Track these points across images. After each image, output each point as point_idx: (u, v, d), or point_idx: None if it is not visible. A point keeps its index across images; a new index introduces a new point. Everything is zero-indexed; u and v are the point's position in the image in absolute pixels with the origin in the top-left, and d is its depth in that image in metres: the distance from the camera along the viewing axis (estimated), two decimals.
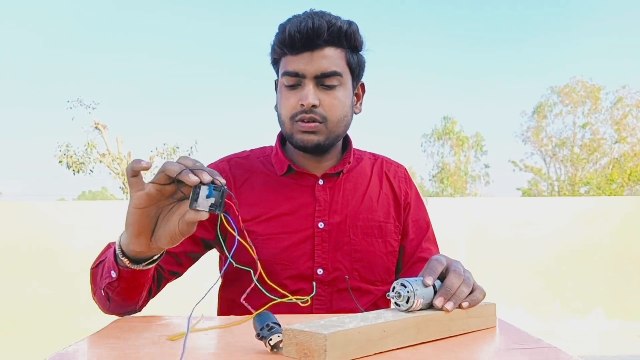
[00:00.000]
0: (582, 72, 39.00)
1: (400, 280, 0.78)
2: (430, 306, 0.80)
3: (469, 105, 40.74)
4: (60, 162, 16.55)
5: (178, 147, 17.61)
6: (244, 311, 0.96)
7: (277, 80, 1.22)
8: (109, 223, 5.58)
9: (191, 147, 17.76)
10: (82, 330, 4.76)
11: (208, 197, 0.76)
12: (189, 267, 1.19)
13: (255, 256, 0.84)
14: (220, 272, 0.75)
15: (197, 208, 0.76)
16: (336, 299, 1.15)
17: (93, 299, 1.04)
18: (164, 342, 0.78)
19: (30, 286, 5.49)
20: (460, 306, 0.81)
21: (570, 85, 25.48)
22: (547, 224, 5.82)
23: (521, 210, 5.91)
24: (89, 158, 16.78)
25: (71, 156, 16.57)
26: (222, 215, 0.77)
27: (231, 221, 0.77)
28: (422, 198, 1.34)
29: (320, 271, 1.15)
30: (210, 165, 1.25)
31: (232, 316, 1.01)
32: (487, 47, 40.36)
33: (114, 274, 0.92)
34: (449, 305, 0.80)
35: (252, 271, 0.83)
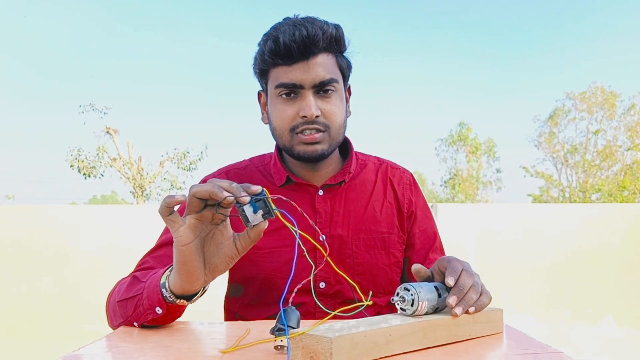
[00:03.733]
0: (602, 79, 38.66)
1: (404, 285, 0.79)
2: (435, 310, 0.80)
3: (485, 111, 40.62)
4: (71, 166, 16.70)
5: (188, 152, 17.69)
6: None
7: (264, 92, 1.19)
8: (118, 227, 5.61)
9: (201, 152, 17.85)
10: (89, 333, 4.79)
11: (255, 211, 0.76)
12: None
13: (324, 251, 0.83)
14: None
15: (254, 224, 0.78)
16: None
17: (111, 326, 1.01)
18: (171, 346, 0.79)
19: (40, 287, 5.53)
20: (467, 312, 0.81)
21: (589, 92, 25.31)
22: (557, 230, 5.79)
23: (531, 216, 5.88)
24: (100, 162, 16.92)
25: (82, 160, 16.71)
26: (279, 213, 0.77)
27: (287, 215, 0.76)
28: (429, 205, 1.32)
29: (322, 285, 1.14)
30: (207, 177, 1.22)
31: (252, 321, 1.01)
32: (506, 54, 40.21)
33: (160, 310, 0.88)
34: (458, 310, 0.79)
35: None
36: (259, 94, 1.22)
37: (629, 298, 5.67)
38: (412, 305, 0.77)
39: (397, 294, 0.79)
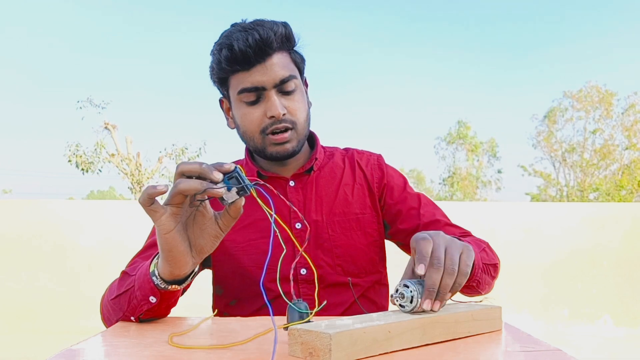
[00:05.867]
0: (597, 78, 38.64)
1: (402, 281, 0.79)
2: None
3: (483, 109, 40.61)
4: (69, 161, 16.67)
5: (187, 148, 17.67)
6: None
7: (225, 98, 1.21)
8: (116, 222, 5.61)
9: (200, 148, 17.83)
10: (87, 328, 4.80)
11: (229, 189, 0.76)
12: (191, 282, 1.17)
13: (290, 232, 0.83)
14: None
15: (230, 202, 0.77)
16: (322, 295, 1.15)
17: (105, 324, 1.01)
18: (170, 340, 0.79)
19: (38, 282, 5.53)
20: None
21: (584, 91, 25.34)
22: (555, 229, 5.79)
23: (529, 215, 5.88)
24: (98, 158, 16.90)
25: (81, 156, 16.68)
26: (254, 190, 0.77)
27: (262, 192, 0.77)
28: (409, 181, 1.31)
29: (303, 271, 1.16)
30: None
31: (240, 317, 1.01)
32: (505, 52, 40.16)
33: (154, 299, 0.89)
34: (436, 306, 0.77)
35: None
36: (221, 101, 1.24)
37: (626, 297, 5.69)
38: (411, 302, 0.77)
39: (397, 291, 0.79)
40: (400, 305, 0.79)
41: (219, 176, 0.75)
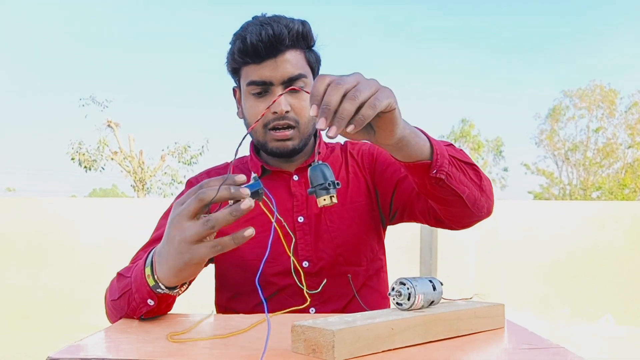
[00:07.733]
0: (602, 77, 38.57)
1: (399, 279, 0.79)
2: (430, 303, 0.81)
3: (487, 107, 40.54)
4: (72, 159, 16.69)
5: (189, 146, 17.67)
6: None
7: (237, 88, 1.24)
8: (117, 221, 5.61)
9: (202, 147, 17.83)
10: (87, 327, 4.81)
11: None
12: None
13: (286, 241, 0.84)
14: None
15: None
16: (325, 287, 1.16)
17: (109, 320, 1.02)
18: (169, 338, 0.79)
19: (39, 282, 5.54)
20: (346, 131, 0.70)
21: (584, 89, 25.28)
22: (558, 228, 5.78)
23: (532, 213, 5.88)
24: (101, 156, 16.91)
25: (83, 154, 16.71)
26: (261, 201, 0.79)
27: (269, 195, 0.78)
28: None
29: (305, 264, 1.17)
30: (192, 179, 1.28)
31: (241, 314, 1.01)
32: (507, 51, 40.07)
33: (151, 302, 0.90)
34: (332, 132, 0.69)
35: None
36: (234, 90, 1.27)
37: (628, 296, 5.68)
38: (408, 299, 0.77)
39: (393, 289, 0.79)
40: (397, 303, 0.79)
41: (246, 192, 0.77)
